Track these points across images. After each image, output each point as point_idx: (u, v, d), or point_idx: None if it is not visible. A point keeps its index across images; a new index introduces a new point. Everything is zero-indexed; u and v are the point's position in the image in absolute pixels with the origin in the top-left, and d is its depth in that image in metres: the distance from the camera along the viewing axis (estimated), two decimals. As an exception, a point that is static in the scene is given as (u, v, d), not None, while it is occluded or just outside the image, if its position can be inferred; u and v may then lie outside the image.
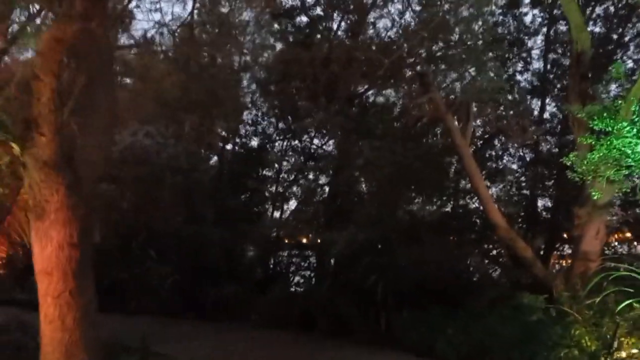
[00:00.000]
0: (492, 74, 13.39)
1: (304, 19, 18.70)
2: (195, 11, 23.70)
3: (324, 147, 20.18)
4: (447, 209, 18.13)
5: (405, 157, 14.69)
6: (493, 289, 13.62)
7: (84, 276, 7.86)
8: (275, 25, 19.24)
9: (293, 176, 20.22)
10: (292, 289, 16.92)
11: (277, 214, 20.04)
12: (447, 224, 17.24)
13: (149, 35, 22.06)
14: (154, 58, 23.67)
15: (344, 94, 17.35)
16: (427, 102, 13.44)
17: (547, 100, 17.98)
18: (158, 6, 20.12)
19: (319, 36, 18.68)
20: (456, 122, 13.38)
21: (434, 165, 16.17)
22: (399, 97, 18.48)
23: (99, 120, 7.72)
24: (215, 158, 21.96)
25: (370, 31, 18.25)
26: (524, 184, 18.29)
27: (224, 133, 21.67)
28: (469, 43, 13.88)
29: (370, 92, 19.09)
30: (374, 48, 17.84)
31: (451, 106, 13.14)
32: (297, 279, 18.80)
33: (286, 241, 18.75)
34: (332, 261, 16.27)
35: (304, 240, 19.33)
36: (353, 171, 17.14)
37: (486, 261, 16.63)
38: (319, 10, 18.75)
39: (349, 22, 18.54)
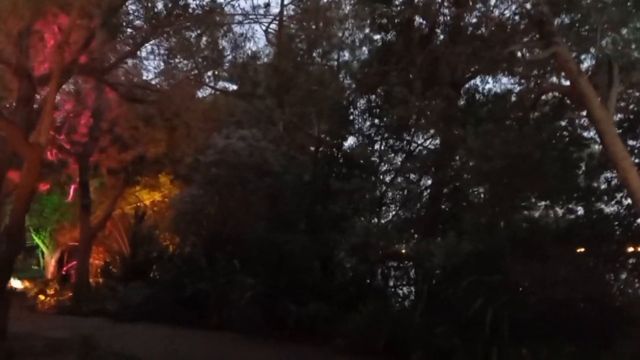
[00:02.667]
0: None
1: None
2: (291, 6, 21.04)
3: (426, 144, 16.19)
4: (577, 214, 13.33)
5: (522, 145, 10.39)
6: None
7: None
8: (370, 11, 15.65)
9: (391, 177, 16.33)
10: (386, 310, 12.88)
11: (373, 221, 16.17)
12: (578, 233, 12.59)
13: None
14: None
15: (447, 79, 13.37)
16: (551, 58, 9.14)
17: None
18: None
19: (418, 18, 14.82)
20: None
21: (559, 158, 11.64)
22: (513, 82, 14.23)
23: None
24: (308, 160, 18.53)
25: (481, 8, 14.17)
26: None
27: (318, 133, 18.29)
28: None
29: (478, 79, 15.01)
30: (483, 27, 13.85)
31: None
32: (395, 296, 14.81)
33: (382, 253, 14.76)
34: (432, 278, 12.15)
35: (403, 252, 15.35)
36: (457, 166, 13.02)
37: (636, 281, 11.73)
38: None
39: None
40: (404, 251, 14.96)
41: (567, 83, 9.94)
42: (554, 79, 12.31)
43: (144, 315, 16.26)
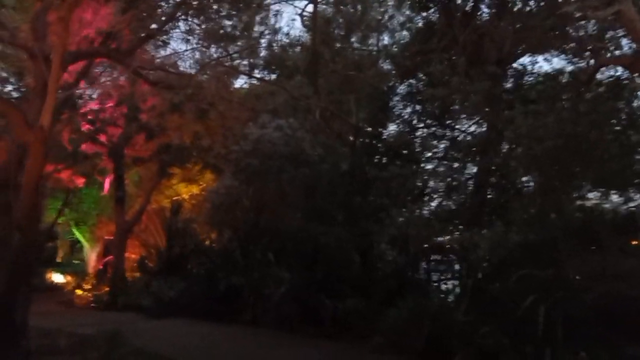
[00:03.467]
0: None
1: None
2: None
3: (471, 130, 15.15)
4: (637, 202, 12.12)
5: (576, 124, 9.35)
6: None
7: None
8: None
9: (434, 165, 15.37)
10: (427, 306, 11.91)
11: (415, 212, 15.22)
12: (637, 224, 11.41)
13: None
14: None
15: (492, 58, 12.37)
16: (614, 18, 8.09)
17: None
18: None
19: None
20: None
21: (616, 141, 10.50)
22: (566, 60, 13.10)
23: None
24: (346, 149, 17.72)
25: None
26: None
27: (356, 121, 17.48)
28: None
29: (527, 58, 13.94)
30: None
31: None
32: (438, 291, 13.80)
33: (423, 245, 13.80)
34: (477, 272, 11.16)
35: (447, 244, 14.35)
36: (504, 152, 12.00)
37: None
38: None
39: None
40: (447, 244, 14.00)
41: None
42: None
43: (178, 310, 15.82)
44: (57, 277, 24.24)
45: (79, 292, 19.71)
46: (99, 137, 18.77)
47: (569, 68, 13.56)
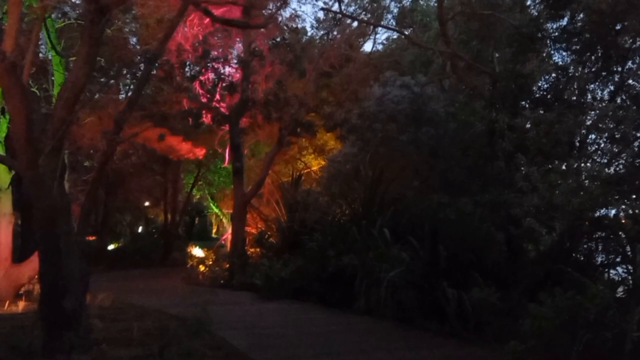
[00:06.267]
0: None
1: None
2: None
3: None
4: None
5: None
6: None
7: None
8: None
9: (594, 116, 11.46)
10: (583, 304, 8.39)
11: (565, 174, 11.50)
12: None
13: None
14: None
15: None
16: None
17: None
18: None
19: None
20: None
21: None
22: None
23: None
24: (480, 104, 14.34)
25: None
26: None
27: (494, 71, 14.08)
28: None
29: None
30: None
31: None
32: (600, 281, 10.04)
33: (578, 219, 10.10)
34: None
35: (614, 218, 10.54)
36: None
37: None
38: None
39: None
40: (614, 218, 10.23)
41: None
42: None
43: (288, 293, 13.78)
44: (197, 252, 23.56)
45: (202, 268, 18.55)
46: (215, 104, 17.46)
47: None
